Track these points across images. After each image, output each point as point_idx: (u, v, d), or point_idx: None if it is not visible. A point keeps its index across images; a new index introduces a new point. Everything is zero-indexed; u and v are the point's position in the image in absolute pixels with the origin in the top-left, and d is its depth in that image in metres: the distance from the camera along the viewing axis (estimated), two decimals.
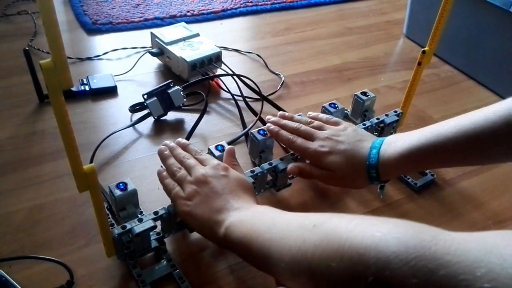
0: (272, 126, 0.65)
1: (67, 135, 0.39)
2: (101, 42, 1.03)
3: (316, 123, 0.64)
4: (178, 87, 0.80)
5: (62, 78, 0.35)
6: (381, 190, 0.66)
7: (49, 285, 0.52)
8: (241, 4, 1.22)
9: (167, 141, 0.61)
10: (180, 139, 0.62)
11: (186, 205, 0.51)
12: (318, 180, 0.62)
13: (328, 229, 0.36)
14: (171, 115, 0.81)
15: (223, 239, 0.48)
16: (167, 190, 0.55)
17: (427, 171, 0.71)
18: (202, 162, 0.56)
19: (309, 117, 0.66)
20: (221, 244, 0.49)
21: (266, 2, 1.25)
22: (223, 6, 1.20)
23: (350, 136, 0.60)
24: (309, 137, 0.61)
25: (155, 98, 0.77)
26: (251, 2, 1.24)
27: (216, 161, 0.56)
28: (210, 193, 0.51)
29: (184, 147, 0.60)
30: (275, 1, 1.25)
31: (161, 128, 0.79)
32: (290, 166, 0.62)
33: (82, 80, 0.86)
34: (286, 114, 0.67)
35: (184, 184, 0.53)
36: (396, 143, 0.56)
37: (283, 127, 0.64)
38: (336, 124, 0.63)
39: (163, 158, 0.59)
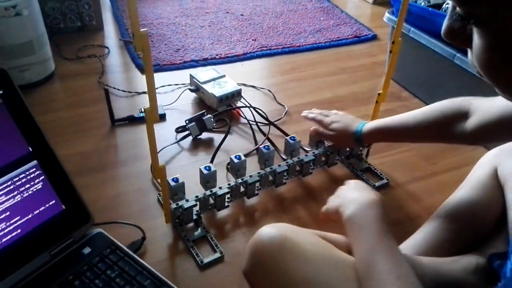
0: (304, 113, 1.04)
1: (153, 146, 0.71)
2: None
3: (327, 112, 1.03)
4: (210, 115, 1.12)
5: (154, 116, 0.67)
6: (363, 148, 1.06)
7: (130, 240, 0.83)
8: (258, 48, 1.55)
9: None
10: None
11: None
12: (326, 138, 0.99)
13: None
14: (205, 135, 1.13)
15: None
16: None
17: (383, 176, 1.01)
18: None
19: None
20: None
21: (277, 46, 1.57)
22: (244, 50, 1.53)
23: (348, 117, 0.98)
24: (326, 115, 1.00)
25: (194, 123, 1.09)
26: (265, 46, 1.57)
27: None
28: None
29: None
30: (285, 46, 1.58)
31: (197, 144, 1.11)
32: (311, 129, 1.00)
33: (140, 109, 1.19)
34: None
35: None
36: (373, 122, 0.92)
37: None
38: (337, 114, 1.01)
39: None
